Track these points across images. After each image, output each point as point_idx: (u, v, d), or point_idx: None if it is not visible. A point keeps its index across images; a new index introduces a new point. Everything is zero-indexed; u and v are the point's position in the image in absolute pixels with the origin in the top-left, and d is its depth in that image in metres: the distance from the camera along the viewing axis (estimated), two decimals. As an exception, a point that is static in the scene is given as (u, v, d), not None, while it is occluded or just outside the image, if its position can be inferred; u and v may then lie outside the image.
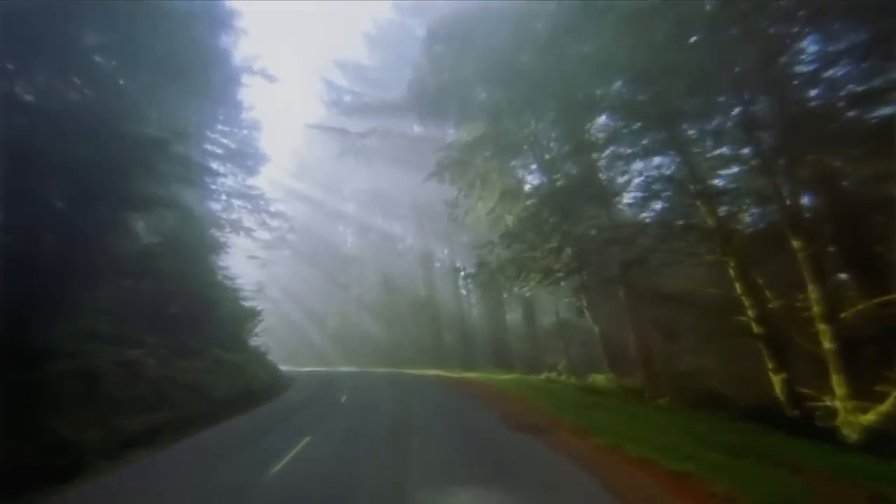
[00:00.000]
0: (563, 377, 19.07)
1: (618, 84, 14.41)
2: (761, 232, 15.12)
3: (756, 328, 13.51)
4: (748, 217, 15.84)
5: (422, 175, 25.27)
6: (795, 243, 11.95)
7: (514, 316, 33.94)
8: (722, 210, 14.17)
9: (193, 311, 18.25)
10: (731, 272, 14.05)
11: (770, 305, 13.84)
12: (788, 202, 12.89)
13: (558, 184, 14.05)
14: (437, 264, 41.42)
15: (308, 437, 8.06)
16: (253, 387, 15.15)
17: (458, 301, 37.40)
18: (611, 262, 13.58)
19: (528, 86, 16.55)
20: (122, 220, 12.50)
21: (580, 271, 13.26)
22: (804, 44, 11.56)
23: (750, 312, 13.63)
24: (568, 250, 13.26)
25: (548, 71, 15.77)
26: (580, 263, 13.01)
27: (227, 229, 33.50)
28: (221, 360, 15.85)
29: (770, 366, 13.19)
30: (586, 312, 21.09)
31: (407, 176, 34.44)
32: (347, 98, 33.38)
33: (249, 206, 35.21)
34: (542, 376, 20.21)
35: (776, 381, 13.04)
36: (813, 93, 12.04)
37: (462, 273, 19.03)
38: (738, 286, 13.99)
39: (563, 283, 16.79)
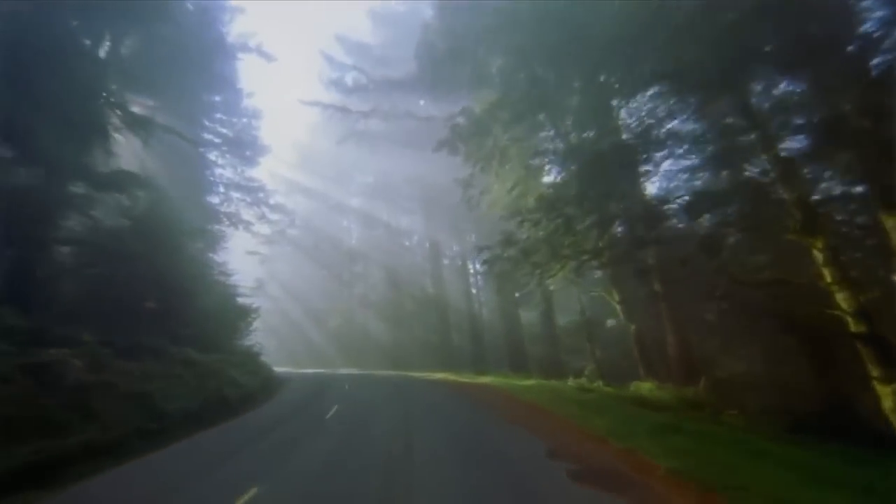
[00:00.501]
0: (595, 384, 16.25)
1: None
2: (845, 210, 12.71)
3: (854, 325, 11.04)
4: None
5: (429, 161, 22.65)
6: (889, 222, 9.80)
7: (527, 315, 31.39)
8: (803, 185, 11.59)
9: (165, 306, 15.77)
10: (819, 256, 11.51)
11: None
12: (877, 174, 10.48)
13: (600, 147, 11.27)
14: (446, 261, 38.91)
15: (254, 488, 5.18)
16: (226, 395, 12.54)
17: (468, 299, 34.85)
18: (670, 245, 10.79)
19: (556, 37, 13.85)
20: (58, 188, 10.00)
21: (642, 247, 10.43)
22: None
23: (844, 305, 11.14)
24: (614, 227, 10.47)
25: (584, 18, 13.06)
26: (636, 242, 10.19)
27: (225, 222, 31.73)
28: (192, 363, 13.29)
29: (874, 373, 10.75)
30: (619, 308, 18.41)
31: (413, 163, 31.94)
32: (349, 78, 30.95)
33: (248, 199, 33.65)
34: (569, 382, 17.45)
35: (884, 392, 10.51)
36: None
37: (481, 255, 16.34)
38: (826, 274, 11.47)
39: (597, 273, 14.13)
